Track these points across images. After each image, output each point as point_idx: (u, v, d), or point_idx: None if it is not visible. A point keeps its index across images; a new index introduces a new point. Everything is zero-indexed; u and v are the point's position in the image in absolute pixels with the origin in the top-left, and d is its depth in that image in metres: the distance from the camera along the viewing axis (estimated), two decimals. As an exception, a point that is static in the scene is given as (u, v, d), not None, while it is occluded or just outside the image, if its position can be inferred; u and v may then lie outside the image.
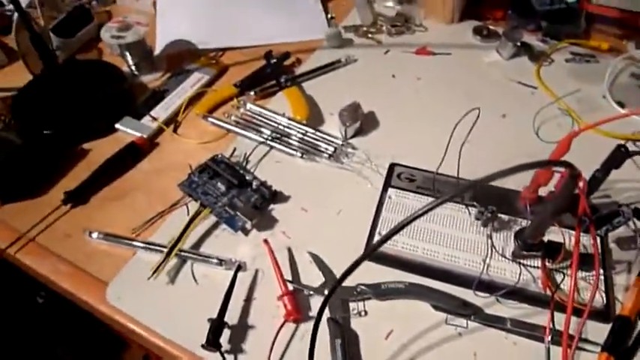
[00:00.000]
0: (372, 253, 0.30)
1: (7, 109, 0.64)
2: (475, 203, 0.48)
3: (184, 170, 0.56)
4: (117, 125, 0.63)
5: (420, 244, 0.47)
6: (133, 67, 0.71)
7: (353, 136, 0.60)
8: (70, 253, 0.51)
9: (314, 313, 0.45)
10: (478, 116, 0.47)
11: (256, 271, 0.48)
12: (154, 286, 0.47)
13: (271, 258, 0.47)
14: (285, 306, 0.44)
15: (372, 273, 0.47)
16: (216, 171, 0.54)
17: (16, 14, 0.78)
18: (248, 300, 0.46)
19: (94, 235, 0.51)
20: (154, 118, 0.63)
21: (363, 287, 0.45)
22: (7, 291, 0.77)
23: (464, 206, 0.50)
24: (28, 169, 0.56)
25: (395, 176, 0.54)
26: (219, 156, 0.56)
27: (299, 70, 0.71)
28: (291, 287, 0.46)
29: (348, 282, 0.46)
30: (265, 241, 0.48)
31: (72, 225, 0.53)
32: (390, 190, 0.52)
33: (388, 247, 0.47)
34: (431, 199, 0.51)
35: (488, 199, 0.50)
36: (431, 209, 0.27)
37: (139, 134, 0.61)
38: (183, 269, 0.48)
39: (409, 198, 0.51)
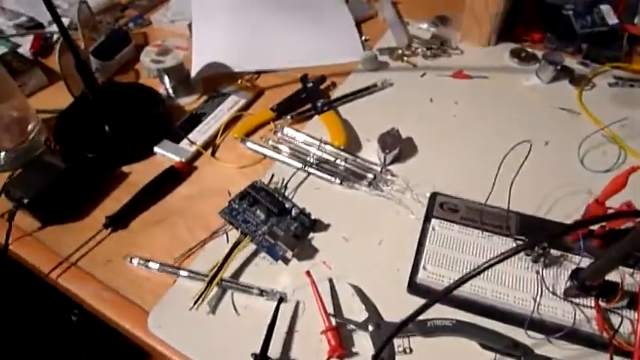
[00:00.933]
0: (445, 296, 0.29)
1: (49, 131, 0.65)
2: (525, 238, 0.47)
3: (223, 195, 0.56)
4: (155, 148, 0.63)
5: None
6: (170, 90, 0.71)
7: (391, 163, 0.60)
8: (112, 278, 0.51)
9: (357, 348, 0.44)
10: (530, 150, 0.46)
11: (297, 303, 0.47)
12: (194, 316, 0.46)
13: (314, 291, 0.46)
14: (328, 341, 0.43)
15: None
16: (255, 198, 0.53)
17: (56, 36, 0.81)
18: (290, 333, 0.45)
19: (135, 261, 0.51)
20: (192, 142, 0.63)
21: (408, 323, 0.44)
22: (41, 308, 0.78)
23: (512, 240, 0.48)
24: (70, 193, 0.57)
25: (437, 206, 0.53)
26: (259, 182, 0.56)
27: (334, 94, 0.70)
28: (334, 321, 0.45)
29: (393, 316, 0.45)
30: (308, 273, 0.47)
31: (112, 250, 0.53)
32: (434, 221, 0.51)
33: (434, 282, 0.46)
34: (476, 231, 0.50)
35: (534, 232, 0.49)
36: (512, 255, 0.26)
37: (177, 158, 0.61)
38: (223, 299, 0.48)
39: (453, 230, 0.50)
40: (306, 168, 0.58)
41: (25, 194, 0.53)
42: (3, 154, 0.62)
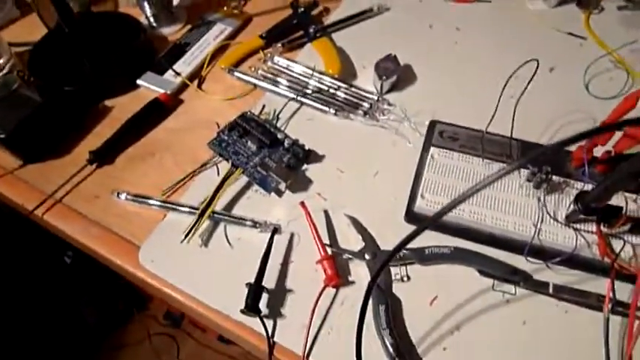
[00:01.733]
0: (435, 221, 0.28)
1: (23, 65, 0.61)
2: (527, 164, 0.45)
3: (211, 128, 0.54)
4: (138, 81, 0.59)
5: (466, 207, 0.44)
6: (152, 19, 0.67)
7: (388, 91, 0.57)
8: (100, 214, 0.49)
9: (353, 277, 0.43)
10: (536, 69, 0.43)
11: (292, 235, 0.46)
12: (187, 249, 0.45)
13: (309, 221, 0.45)
14: (324, 270, 0.42)
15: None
16: (246, 129, 0.51)
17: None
18: (285, 264, 0.44)
19: (122, 196, 0.49)
20: (177, 73, 0.59)
21: (406, 252, 0.43)
22: (34, 251, 0.77)
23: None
24: (50, 128, 0.54)
25: (436, 134, 0.51)
26: (249, 113, 0.53)
27: (327, 20, 0.66)
28: (329, 251, 0.44)
29: (389, 246, 0.44)
30: (302, 203, 0.46)
31: (99, 185, 0.51)
32: (432, 149, 0.49)
33: (432, 211, 0.45)
34: (477, 159, 0.48)
35: (535, 158, 0.47)
36: (505, 174, 0.24)
37: (162, 90, 0.58)
38: (216, 232, 0.46)
39: (453, 158, 0.48)
40: (298, 98, 0.55)
41: (0, 129, 0.50)
42: (-25, 89, 0.58)
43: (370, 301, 0.41)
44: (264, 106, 0.55)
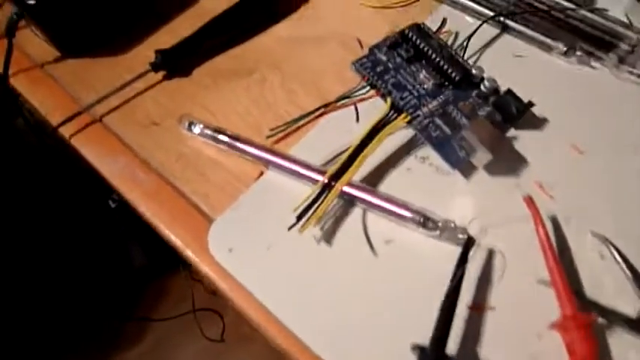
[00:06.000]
0: None
1: None
2: None
3: (349, 45, 0.33)
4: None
5: None
6: None
7: (652, 32, 0.33)
8: (155, 151, 0.30)
9: (617, 366, 0.21)
10: None
11: (489, 254, 0.24)
12: (292, 241, 0.25)
13: (544, 241, 0.22)
14: (568, 346, 0.21)
15: None
16: (420, 49, 0.29)
17: None
18: (477, 310, 0.23)
19: (197, 128, 0.29)
20: (305, -43, 0.38)
21: None
22: (76, 193, 0.63)
23: None
24: (105, 7, 0.35)
25: None
26: (424, 26, 0.31)
27: None
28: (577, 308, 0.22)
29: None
30: (529, 199, 0.24)
31: (162, 105, 0.32)
32: None
33: None
34: None
35: None
36: None
37: (276, -20, 0.37)
38: (346, 220, 0.26)
39: None
40: (501, 19, 0.33)
41: (30, -9, 0.32)
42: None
43: None
44: (444, 21, 0.33)
